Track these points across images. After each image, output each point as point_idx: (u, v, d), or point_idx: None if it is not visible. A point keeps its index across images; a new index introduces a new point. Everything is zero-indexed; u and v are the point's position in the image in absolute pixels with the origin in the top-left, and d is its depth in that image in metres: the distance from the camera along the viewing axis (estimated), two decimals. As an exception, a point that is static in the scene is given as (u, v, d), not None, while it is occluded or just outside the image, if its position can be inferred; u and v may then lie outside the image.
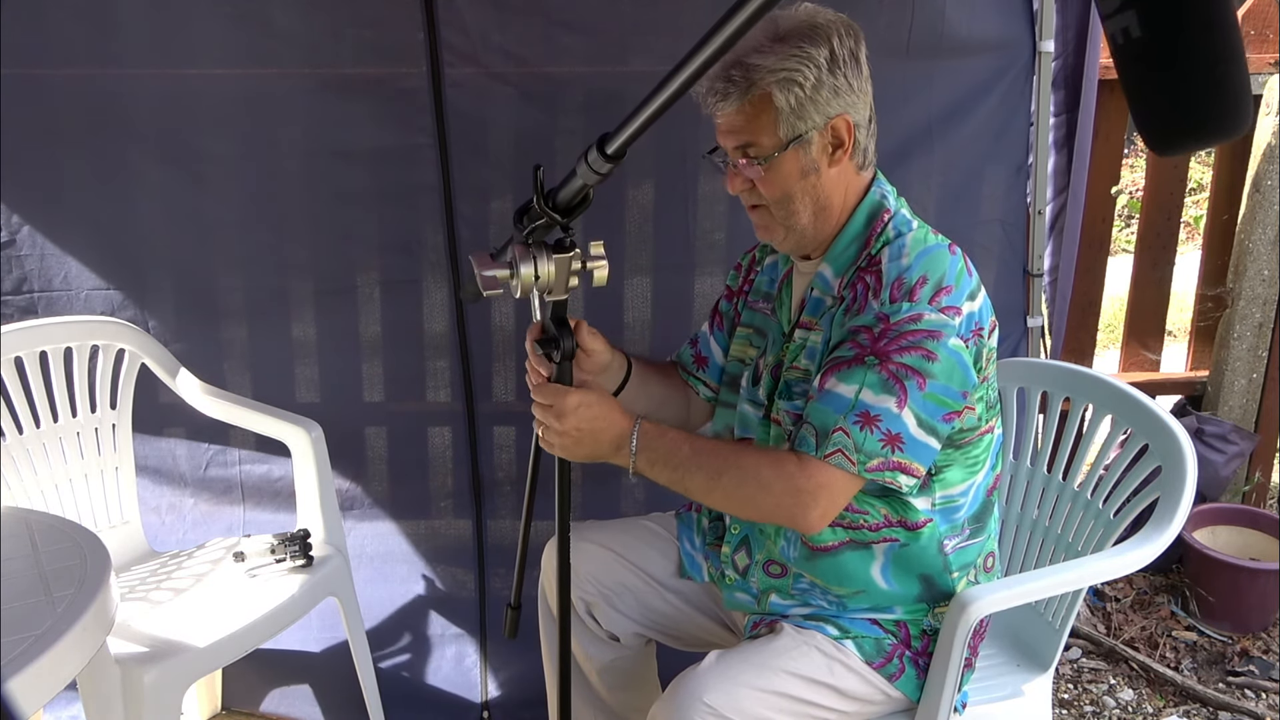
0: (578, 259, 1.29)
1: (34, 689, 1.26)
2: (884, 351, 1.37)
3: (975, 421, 1.48)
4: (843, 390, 1.38)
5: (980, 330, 1.42)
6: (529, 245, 1.27)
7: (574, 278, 1.30)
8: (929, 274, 1.39)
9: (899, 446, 1.37)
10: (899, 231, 1.47)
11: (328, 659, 2.45)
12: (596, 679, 1.78)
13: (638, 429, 1.42)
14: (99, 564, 1.48)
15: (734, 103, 1.41)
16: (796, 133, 1.42)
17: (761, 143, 1.43)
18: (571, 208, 1.21)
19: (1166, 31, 0.62)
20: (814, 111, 1.41)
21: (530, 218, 1.24)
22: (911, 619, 1.58)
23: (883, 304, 1.39)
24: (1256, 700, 2.42)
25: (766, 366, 1.59)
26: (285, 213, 2.28)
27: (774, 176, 1.45)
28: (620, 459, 1.43)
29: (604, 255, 1.32)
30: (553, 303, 1.34)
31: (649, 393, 1.73)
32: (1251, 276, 2.80)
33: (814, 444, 1.39)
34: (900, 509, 1.50)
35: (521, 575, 1.68)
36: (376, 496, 2.47)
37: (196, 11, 2.11)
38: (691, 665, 1.49)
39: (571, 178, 1.17)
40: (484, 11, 2.15)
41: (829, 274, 1.51)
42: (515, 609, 1.71)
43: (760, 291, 1.68)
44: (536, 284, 1.28)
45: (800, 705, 1.49)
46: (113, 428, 2.19)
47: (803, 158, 1.44)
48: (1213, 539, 2.71)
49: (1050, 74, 2.31)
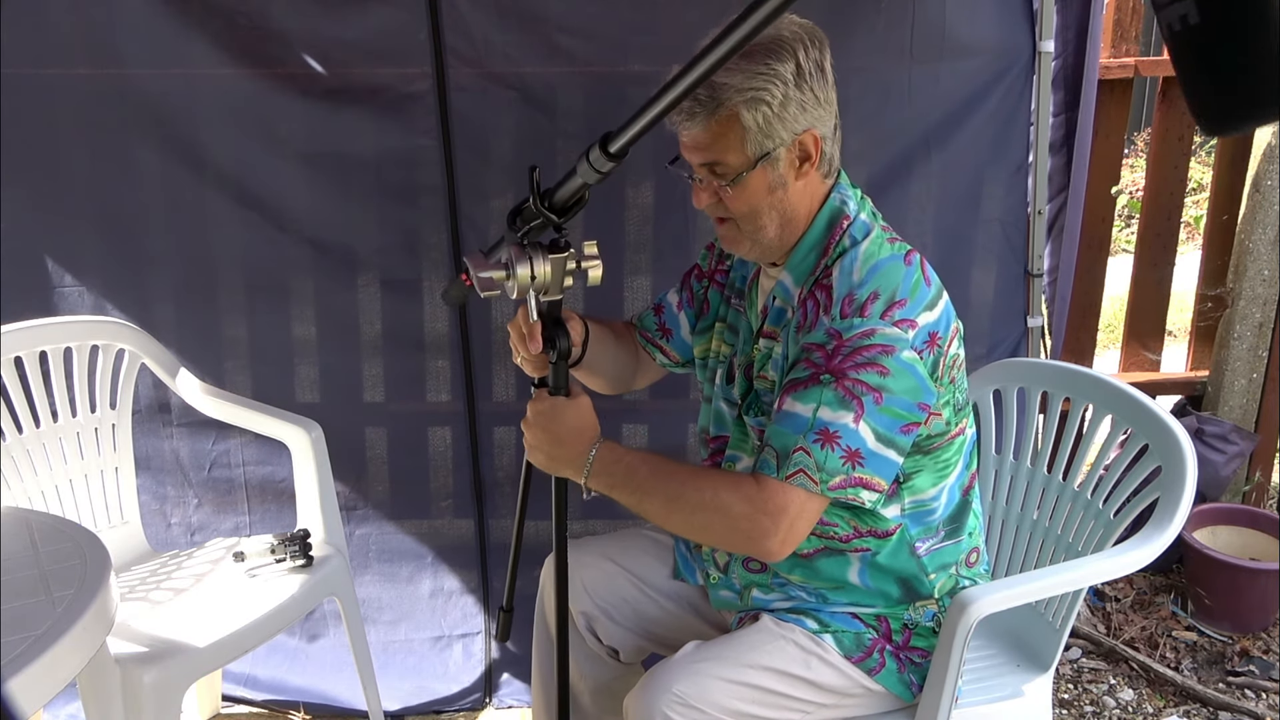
0: (573, 259, 1.28)
1: (34, 689, 1.26)
2: (839, 369, 1.36)
3: (944, 426, 1.48)
4: (800, 410, 1.38)
5: (937, 340, 1.40)
6: (524, 246, 1.27)
7: (569, 278, 1.30)
8: (880, 289, 1.38)
9: (859, 462, 1.37)
10: (854, 240, 1.45)
11: (327, 659, 2.45)
12: (589, 700, 1.77)
13: (594, 453, 1.40)
14: (99, 564, 1.48)
15: (700, 122, 1.38)
16: (764, 150, 1.40)
17: (729, 161, 1.40)
18: (567, 208, 1.20)
19: (1227, 14, 0.64)
20: (781, 129, 1.39)
21: (525, 218, 1.24)
22: (891, 614, 1.58)
23: (833, 319, 1.39)
24: (1256, 700, 2.42)
25: (740, 366, 1.59)
26: (286, 213, 2.28)
27: (741, 194, 1.43)
28: (578, 478, 1.42)
29: (598, 255, 1.32)
30: (548, 302, 1.34)
31: (606, 353, 1.72)
32: (1251, 276, 2.80)
33: (775, 466, 1.38)
34: (869, 519, 1.49)
35: (514, 577, 1.68)
36: (377, 497, 2.47)
37: (197, 12, 2.11)
38: (666, 657, 1.50)
39: (571, 176, 1.17)
40: (486, 15, 2.15)
41: (789, 283, 1.50)
42: (508, 612, 1.71)
43: (734, 287, 1.66)
44: (533, 284, 1.28)
45: (772, 697, 1.49)
46: (113, 428, 2.19)
47: (770, 174, 1.42)
48: (1213, 539, 2.71)
49: (1050, 74, 2.31)
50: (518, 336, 1.49)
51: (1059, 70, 2.34)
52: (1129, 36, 2.71)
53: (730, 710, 1.45)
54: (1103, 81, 2.55)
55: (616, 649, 1.74)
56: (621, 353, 1.77)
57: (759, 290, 1.59)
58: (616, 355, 1.76)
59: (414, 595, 2.50)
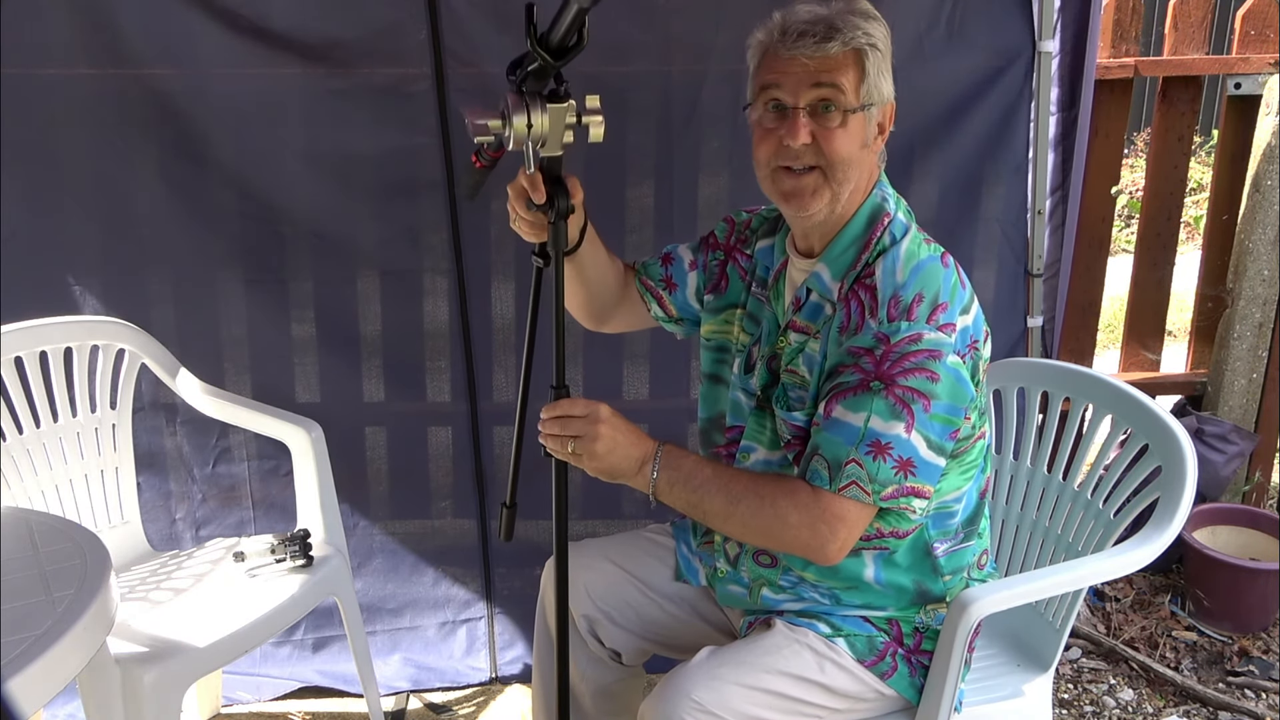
0: (572, 111, 1.24)
1: (34, 689, 1.26)
2: (888, 375, 1.36)
3: (970, 430, 1.48)
4: (851, 419, 1.37)
5: (975, 344, 1.42)
6: (523, 94, 1.23)
7: (569, 132, 1.25)
8: (924, 291, 1.39)
9: (911, 471, 1.38)
10: (894, 238, 1.45)
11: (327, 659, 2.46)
12: (590, 703, 1.76)
13: (661, 449, 1.42)
14: (99, 564, 1.48)
15: (836, 48, 1.38)
16: (870, 100, 1.42)
17: (848, 95, 1.40)
18: (566, 49, 1.16)
19: None
20: (883, 86, 1.43)
21: (524, 65, 1.20)
22: (903, 616, 1.58)
23: (880, 323, 1.38)
24: (1256, 700, 2.42)
25: (761, 357, 1.58)
26: (287, 212, 2.28)
27: (844, 135, 1.41)
28: (640, 479, 1.43)
29: (600, 110, 1.27)
30: (547, 159, 1.30)
31: (598, 261, 1.66)
32: (1251, 276, 2.80)
33: (827, 477, 1.38)
34: (894, 520, 1.49)
35: (516, 475, 1.60)
36: (377, 496, 2.47)
37: (198, 12, 2.11)
38: (682, 662, 1.49)
39: (566, 7, 1.13)
40: (485, 14, 2.15)
41: (826, 277, 1.49)
42: (510, 508, 1.60)
43: (757, 276, 1.64)
44: (530, 134, 1.23)
45: (789, 703, 1.49)
46: (113, 428, 2.19)
47: (866, 128, 1.44)
48: (1213, 539, 2.71)
49: (1050, 73, 2.31)
50: (516, 194, 1.46)
51: (1058, 69, 2.34)
52: (1129, 36, 2.71)
53: (747, 716, 1.45)
54: (1102, 81, 2.55)
55: (618, 651, 1.73)
56: (610, 275, 1.71)
57: (786, 282, 1.57)
58: (605, 275, 1.70)
59: (415, 593, 2.50)
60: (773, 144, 1.44)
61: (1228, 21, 4.08)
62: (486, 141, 1.26)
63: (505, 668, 2.49)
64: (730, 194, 2.25)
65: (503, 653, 2.50)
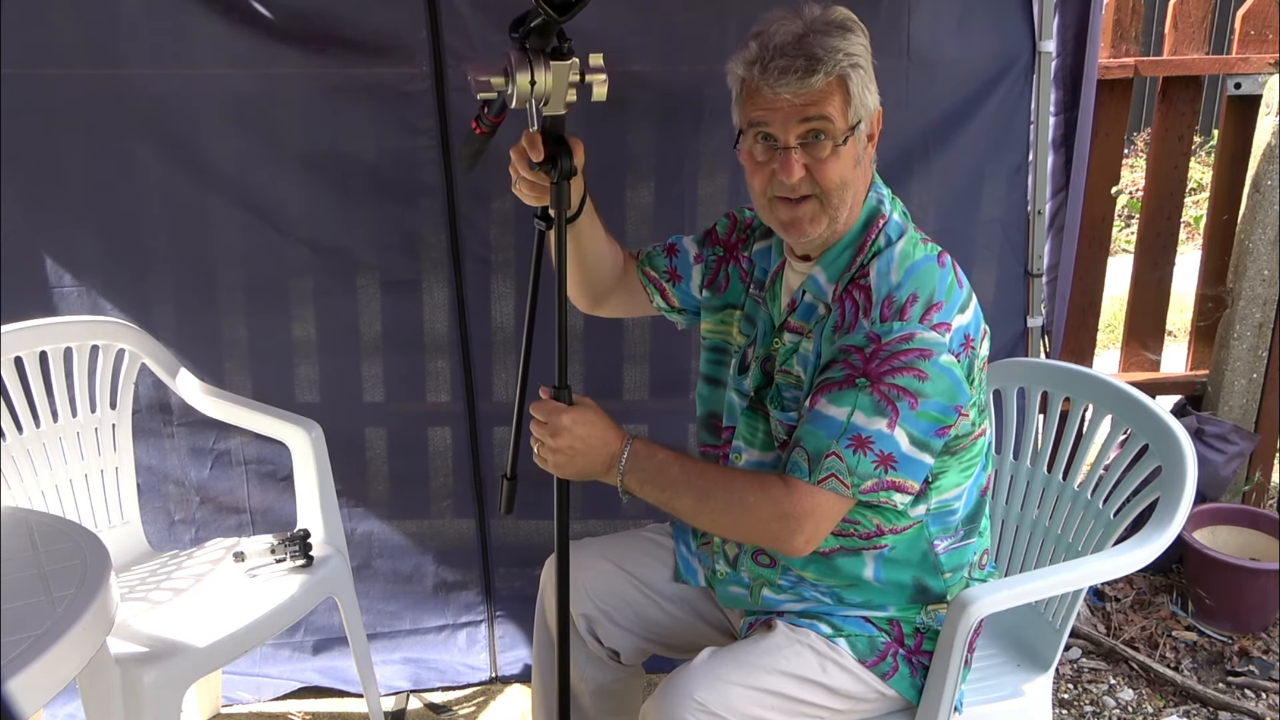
0: (575, 70, 1.23)
1: (34, 689, 1.26)
2: (875, 373, 1.36)
3: (969, 428, 1.48)
4: (834, 413, 1.38)
5: (971, 342, 1.42)
6: (526, 51, 1.22)
7: (572, 91, 1.24)
8: (919, 291, 1.39)
9: (892, 466, 1.38)
10: (889, 239, 1.46)
11: (327, 659, 2.46)
12: (589, 702, 1.77)
13: (628, 448, 1.42)
14: (99, 564, 1.48)
15: (819, 80, 1.37)
16: (858, 118, 1.42)
17: (837, 123, 1.40)
18: (569, 4, 1.14)
19: None
20: (869, 99, 1.43)
21: (527, 22, 1.19)
22: (904, 617, 1.58)
23: (873, 323, 1.39)
24: (1256, 700, 2.42)
25: (755, 358, 1.58)
26: (286, 212, 2.28)
27: (837, 162, 1.41)
28: (610, 478, 1.43)
29: (604, 68, 1.25)
30: (550, 118, 1.28)
31: (596, 237, 1.64)
32: (1251, 276, 2.80)
33: (806, 469, 1.39)
34: (893, 517, 1.49)
35: (517, 446, 1.57)
36: (377, 496, 2.47)
37: (197, 12, 2.11)
38: (684, 663, 1.49)
39: None
40: (484, 14, 2.15)
41: (822, 279, 1.50)
42: (511, 479, 1.57)
43: (755, 278, 1.64)
44: (533, 91, 1.21)
45: (791, 703, 1.49)
46: (113, 428, 2.19)
47: (857, 146, 1.43)
48: (1213, 539, 2.71)
49: (1050, 74, 2.31)
50: (518, 155, 1.45)
51: (1058, 70, 2.34)
52: (1129, 36, 2.71)
53: (750, 716, 1.45)
54: (1102, 81, 2.55)
55: (617, 651, 1.74)
56: (607, 255, 1.69)
57: (783, 285, 1.58)
58: (602, 254, 1.68)
59: (415, 593, 2.50)
60: (767, 176, 1.44)
61: (1228, 21, 4.08)
62: (489, 99, 1.24)
63: (505, 667, 2.49)
64: (730, 193, 2.25)
65: (502, 653, 2.51)
